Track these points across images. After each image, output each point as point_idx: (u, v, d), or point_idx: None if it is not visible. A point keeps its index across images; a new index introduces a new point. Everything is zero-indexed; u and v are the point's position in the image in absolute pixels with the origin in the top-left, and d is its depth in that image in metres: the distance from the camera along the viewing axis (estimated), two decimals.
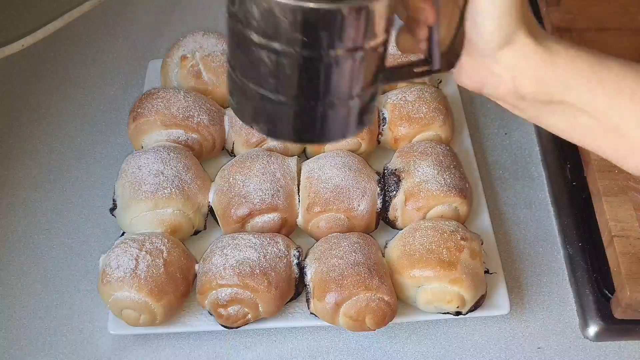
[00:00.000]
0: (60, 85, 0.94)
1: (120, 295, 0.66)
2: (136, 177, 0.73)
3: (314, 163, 0.76)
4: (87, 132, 0.89)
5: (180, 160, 0.75)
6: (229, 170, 0.75)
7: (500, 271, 0.73)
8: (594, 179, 0.74)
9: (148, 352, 0.71)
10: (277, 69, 0.43)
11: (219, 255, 0.68)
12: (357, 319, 0.66)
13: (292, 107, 0.45)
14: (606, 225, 0.70)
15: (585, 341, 0.72)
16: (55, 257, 0.78)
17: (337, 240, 0.70)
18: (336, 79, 0.44)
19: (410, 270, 0.68)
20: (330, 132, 0.47)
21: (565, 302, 0.75)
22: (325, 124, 0.46)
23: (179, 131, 0.79)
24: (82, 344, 0.71)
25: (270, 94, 0.45)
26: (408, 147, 0.78)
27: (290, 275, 0.69)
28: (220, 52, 0.85)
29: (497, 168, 0.86)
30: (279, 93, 0.45)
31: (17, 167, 0.85)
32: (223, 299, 0.67)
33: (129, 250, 0.67)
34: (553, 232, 0.80)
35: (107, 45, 1.00)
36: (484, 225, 0.77)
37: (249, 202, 0.72)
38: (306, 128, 0.47)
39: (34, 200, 0.82)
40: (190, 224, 0.74)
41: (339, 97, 0.45)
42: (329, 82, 0.44)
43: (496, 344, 0.71)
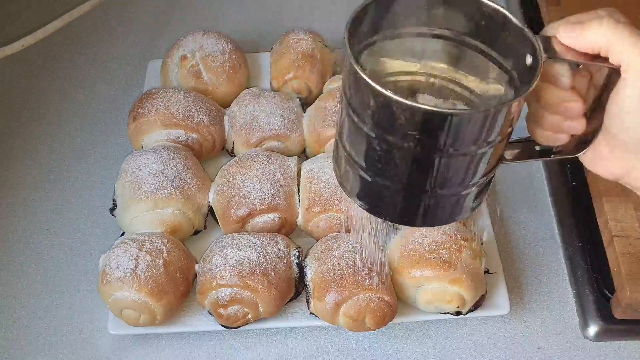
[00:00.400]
0: (60, 85, 0.94)
1: (120, 295, 0.66)
2: (136, 177, 0.73)
3: (314, 163, 0.76)
4: (87, 132, 0.89)
5: (180, 160, 0.75)
6: (229, 170, 0.75)
7: (500, 271, 0.73)
8: (594, 179, 0.74)
9: (148, 352, 0.71)
10: (388, 159, 0.42)
11: (219, 255, 0.68)
12: (357, 319, 0.66)
13: (399, 193, 0.44)
14: (606, 225, 0.70)
15: (585, 341, 0.72)
16: (55, 257, 0.78)
17: (337, 240, 0.70)
18: (448, 175, 0.43)
19: (410, 270, 0.68)
20: (437, 218, 0.47)
21: (565, 302, 0.75)
22: (433, 212, 0.46)
23: (179, 131, 0.79)
24: (82, 344, 0.71)
25: (378, 178, 0.44)
26: None
27: (290, 275, 0.69)
28: (220, 52, 0.85)
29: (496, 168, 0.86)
30: (387, 179, 0.44)
31: (17, 167, 0.85)
32: (223, 299, 0.67)
33: (129, 250, 0.67)
34: (553, 232, 0.80)
35: (107, 45, 1.00)
36: (484, 225, 0.77)
37: (249, 202, 0.72)
38: (411, 214, 0.46)
39: (34, 200, 0.82)
40: (190, 224, 0.74)
41: (449, 190, 0.44)
42: (439, 177, 0.43)
43: (496, 344, 0.71)
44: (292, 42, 0.86)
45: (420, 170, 0.42)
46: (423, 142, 0.40)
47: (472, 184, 0.45)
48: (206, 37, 0.86)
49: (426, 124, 0.39)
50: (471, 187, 0.45)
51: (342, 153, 0.46)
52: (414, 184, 0.43)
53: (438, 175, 0.43)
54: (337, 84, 0.83)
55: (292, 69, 0.84)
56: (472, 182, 0.44)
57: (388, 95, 0.39)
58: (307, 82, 0.85)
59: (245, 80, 0.88)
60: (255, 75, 0.91)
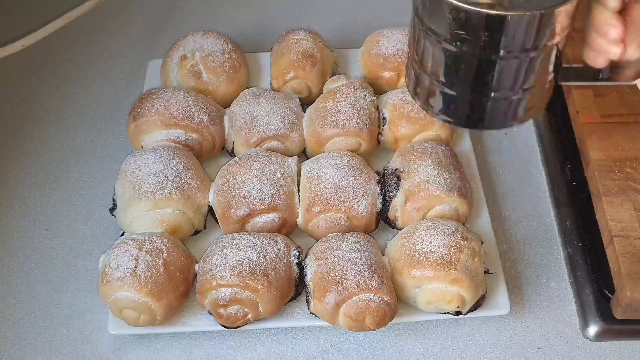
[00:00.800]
0: (60, 85, 0.94)
1: (120, 295, 0.66)
2: (136, 177, 0.73)
3: (314, 163, 0.76)
4: (87, 132, 0.89)
5: (180, 160, 0.75)
6: (229, 170, 0.75)
7: (500, 271, 0.73)
8: (594, 179, 0.74)
9: (148, 352, 0.71)
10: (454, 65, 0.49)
11: (219, 255, 0.68)
12: (357, 319, 0.66)
13: (463, 98, 0.51)
14: (606, 225, 0.70)
15: (586, 341, 0.72)
16: (55, 257, 0.78)
17: (337, 240, 0.70)
18: (505, 77, 0.49)
19: (410, 270, 0.68)
20: (497, 121, 0.53)
21: (565, 302, 0.75)
22: (494, 114, 0.52)
23: (179, 131, 0.79)
24: (82, 344, 0.71)
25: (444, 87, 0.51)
26: (408, 147, 0.78)
27: (290, 275, 0.69)
28: (220, 52, 0.85)
29: (497, 168, 0.86)
30: (452, 86, 0.51)
31: (17, 167, 0.85)
32: (223, 299, 0.67)
33: (129, 250, 0.67)
34: (553, 232, 0.80)
35: (107, 45, 1.00)
36: (484, 225, 0.77)
37: (249, 202, 0.72)
38: (475, 117, 0.53)
39: (34, 200, 0.82)
40: (190, 224, 0.75)
41: (504, 93, 0.50)
42: (498, 79, 0.49)
43: (496, 344, 0.71)
44: (292, 42, 0.86)
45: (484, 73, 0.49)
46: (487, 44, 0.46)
47: (523, 89, 0.50)
48: (206, 37, 0.86)
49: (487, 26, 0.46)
50: (522, 92, 0.50)
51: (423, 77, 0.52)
52: (479, 88, 0.50)
53: (497, 77, 0.48)
54: (337, 84, 0.83)
55: (292, 69, 0.84)
56: (524, 87, 0.50)
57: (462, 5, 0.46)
58: (307, 82, 0.85)
59: (245, 80, 0.88)
60: (255, 75, 0.91)
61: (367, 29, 0.91)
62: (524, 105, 0.51)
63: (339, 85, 0.82)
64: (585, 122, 0.78)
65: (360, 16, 1.04)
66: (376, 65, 0.86)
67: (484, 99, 0.51)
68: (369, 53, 0.87)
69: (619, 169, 0.74)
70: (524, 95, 0.50)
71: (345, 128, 0.78)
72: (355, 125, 0.78)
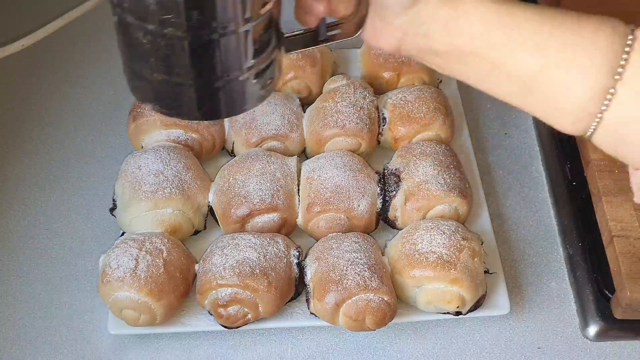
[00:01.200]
0: (60, 85, 0.94)
1: (120, 295, 0.66)
2: (136, 177, 0.73)
3: (314, 163, 0.76)
4: (87, 132, 0.89)
5: (180, 160, 0.75)
6: (229, 170, 0.75)
7: (500, 271, 0.73)
8: (594, 179, 0.74)
9: (148, 352, 0.71)
10: (161, 52, 0.43)
11: (219, 255, 0.68)
12: (357, 319, 0.66)
13: (189, 87, 0.45)
14: (606, 225, 0.70)
15: (585, 341, 0.72)
16: (55, 257, 0.78)
17: (337, 240, 0.70)
18: (225, 56, 0.44)
19: (410, 270, 0.68)
20: (233, 105, 0.48)
21: (565, 302, 0.75)
22: (226, 99, 0.47)
23: (179, 131, 0.79)
24: (82, 344, 0.71)
25: (165, 76, 0.45)
26: (408, 147, 0.78)
27: (290, 275, 0.69)
28: None
29: (497, 168, 0.86)
30: (171, 75, 0.45)
31: (17, 167, 0.85)
32: (223, 299, 0.67)
33: (129, 250, 0.67)
34: (553, 232, 0.80)
35: (107, 45, 1.00)
36: (484, 225, 0.77)
37: (249, 202, 0.72)
38: (207, 105, 0.47)
39: (34, 200, 0.82)
40: (190, 224, 0.74)
41: (233, 72, 0.45)
42: (218, 60, 0.44)
43: (496, 344, 0.71)
44: None
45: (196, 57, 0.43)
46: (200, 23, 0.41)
47: (247, 68, 0.45)
48: None
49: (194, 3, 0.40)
50: (247, 72, 0.45)
51: (127, 64, 0.47)
52: (198, 73, 0.44)
53: (210, 58, 0.43)
54: (337, 84, 0.83)
55: (292, 69, 0.84)
56: (246, 66, 0.45)
57: None
58: (307, 82, 0.85)
59: None
60: None
61: None
62: (260, 83, 0.47)
63: (339, 85, 0.82)
64: None
65: None
66: (376, 65, 0.86)
67: (213, 85, 0.45)
68: (369, 53, 0.87)
69: (619, 169, 0.74)
70: (253, 73, 0.46)
71: (345, 128, 0.78)
72: (355, 125, 0.78)
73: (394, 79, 0.86)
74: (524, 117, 0.91)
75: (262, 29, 0.45)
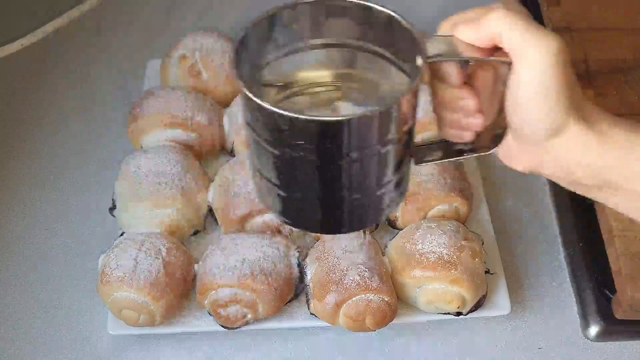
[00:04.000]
0: (60, 85, 0.94)
1: (119, 295, 0.66)
2: (136, 177, 0.73)
3: None
4: (87, 132, 0.89)
5: (180, 160, 0.75)
6: (229, 170, 0.75)
7: (500, 271, 0.73)
8: None
9: (148, 352, 0.71)
10: (293, 173, 0.43)
11: (218, 255, 0.68)
12: (357, 319, 0.66)
13: (314, 204, 0.45)
14: (607, 225, 0.70)
15: (586, 341, 0.72)
16: (55, 257, 0.78)
17: (337, 240, 0.70)
18: (355, 179, 0.43)
19: (410, 270, 0.68)
20: (359, 222, 0.47)
21: (565, 302, 0.74)
22: (353, 217, 0.46)
23: (179, 131, 0.79)
24: (82, 344, 0.71)
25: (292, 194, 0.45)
26: None
27: (290, 275, 0.69)
28: (219, 52, 0.85)
29: (497, 168, 0.86)
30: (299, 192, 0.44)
31: (17, 167, 0.85)
32: (223, 299, 0.67)
33: (128, 250, 0.67)
34: (553, 232, 0.80)
35: (107, 45, 1.00)
36: (484, 225, 0.77)
37: (249, 202, 0.72)
38: (333, 222, 0.47)
39: (34, 200, 0.82)
40: (189, 224, 0.74)
41: (362, 193, 0.44)
42: (348, 182, 0.43)
43: (496, 344, 0.71)
44: None
45: (327, 178, 0.43)
46: (321, 151, 0.41)
47: (382, 185, 0.45)
48: (206, 37, 0.86)
49: (316, 134, 0.40)
50: (381, 188, 0.45)
51: (257, 174, 0.46)
52: (325, 193, 0.44)
53: (346, 181, 0.43)
54: None
55: None
56: (381, 184, 0.45)
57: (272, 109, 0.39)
58: None
59: None
60: None
61: None
62: (387, 200, 0.46)
63: None
64: None
65: None
66: None
67: (342, 204, 0.45)
68: None
69: None
70: (384, 192, 0.45)
71: None
72: None
73: None
74: None
75: (400, 148, 0.44)
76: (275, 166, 0.43)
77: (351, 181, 0.43)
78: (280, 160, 0.43)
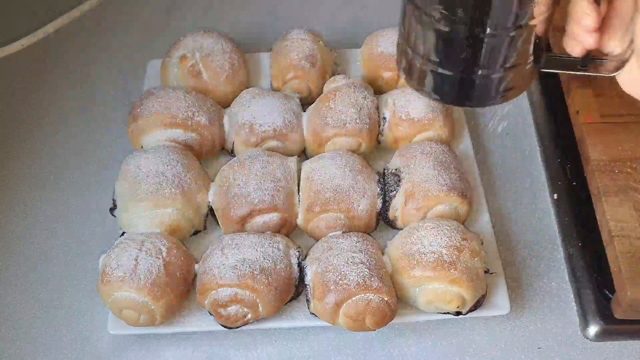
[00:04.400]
0: (60, 85, 0.94)
1: (120, 295, 0.66)
2: (136, 177, 0.73)
3: (314, 163, 0.76)
4: (87, 132, 0.89)
5: (180, 160, 0.75)
6: (229, 170, 0.75)
7: (500, 271, 0.73)
8: (594, 179, 0.74)
9: (148, 352, 0.71)
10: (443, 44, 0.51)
11: (218, 255, 0.68)
12: (357, 319, 0.66)
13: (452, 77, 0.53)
14: (606, 225, 0.70)
15: (586, 341, 0.72)
16: (55, 257, 0.78)
17: (337, 240, 0.70)
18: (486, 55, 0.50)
19: (410, 270, 0.68)
20: (483, 98, 0.54)
21: (565, 302, 0.75)
22: (478, 92, 0.53)
23: (179, 131, 0.79)
24: (82, 344, 0.71)
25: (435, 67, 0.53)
26: (408, 147, 0.78)
27: (290, 275, 0.69)
28: (220, 52, 0.85)
29: (497, 168, 0.86)
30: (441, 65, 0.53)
31: (17, 167, 0.86)
32: (223, 299, 0.67)
33: (128, 250, 0.67)
34: (553, 232, 0.80)
35: (107, 45, 1.00)
36: (484, 225, 0.77)
37: (249, 202, 0.72)
38: (462, 95, 0.54)
39: (34, 200, 0.82)
40: (190, 224, 0.75)
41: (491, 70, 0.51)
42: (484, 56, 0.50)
43: (496, 344, 0.71)
44: (292, 42, 0.86)
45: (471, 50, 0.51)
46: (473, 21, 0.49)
47: (505, 67, 0.52)
48: (206, 37, 0.86)
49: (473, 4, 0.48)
50: (504, 71, 0.52)
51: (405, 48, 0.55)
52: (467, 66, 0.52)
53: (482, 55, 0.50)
54: (337, 84, 0.83)
55: (292, 69, 0.84)
56: (505, 65, 0.51)
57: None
58: (307, 82, 0.85)
59: (245, 80, 0.88)
60: (255, 75, 0.91)
61: (367, 28, 0.91)
62: (506, 84, 0.53)
63: (339, 85, 0.82)
64: (585, 122, 0.78)
65: (360, 16, 1.04)
66: (376, 65, 0.86)
67: (471, 77, 0.53)
68: (369, 53, 0.87)
69: (619, 169, 0.74)
70: (506, 74, 0.52)
71: (345, 128, 0.78)
72: (355, 125, 0.78)
73: (394, 79, 0.86)
74: (524, 117, 0.90)
75: (526, 38, 0.50)
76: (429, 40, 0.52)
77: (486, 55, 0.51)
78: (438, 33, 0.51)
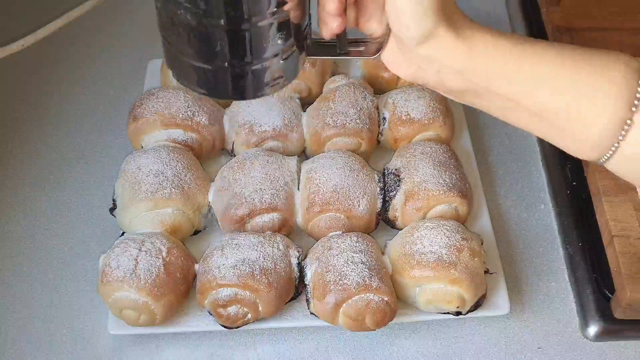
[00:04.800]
0: (60, 85, 0.94)
1: (120, 295, 0.66)
2: (136, 177, 0.73)
3: (314, 163, 0.76)
4: (87, 132, 0.89)
5: (180, 160, 0.75)
6: (229, 170, 0.75)
7: (500, 271, 0.73)
8: (594, 179, 0.74)
9: (148, 352, 0.71)
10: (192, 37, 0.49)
11: (219, 255, 0.68)
12: (357, 319, 0.66)
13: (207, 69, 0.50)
14: (606, 225, 0.70)
15: (586, 341, 0.72)
16: (55, 257, 0.78)
17: (337, 240, 0.70)
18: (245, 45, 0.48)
19: (410, 270, 0.68)
20: (246, 90, 0.52)
21: (565, 302, 0.75)
22: (239, 84, 0.51)
23: (179, 131, 0.79)
24: (82, 344, 0.71)
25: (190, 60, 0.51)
26: (408, 147, 0.78)
27: (290, 275, 0.69)
28: None
29: (497, 168, 0.86)
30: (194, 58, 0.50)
31: (17, 167, 0.85)
32: (223, 299, 0.67)
33: (128, 250, 0.67)
34: (553, 232, 0.80)
35: (107, 45, 1.00)
36: (484, 225, 0.77)
37: (249, 202, 0.72)
38: (223, 87, 0.52)
39: (34, 200, 0.82)
40: (190, 224, 0.75)
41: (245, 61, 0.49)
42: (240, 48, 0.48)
43: (496, 344, 0.71)
44: None
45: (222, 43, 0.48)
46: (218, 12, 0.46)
47: (264, 58, 0.50)
48: None
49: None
50: (263, 62, 0.50)
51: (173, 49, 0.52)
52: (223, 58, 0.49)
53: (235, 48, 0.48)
54: (337, 84, 0.83)
55: None
56: (263, 57, 0.50)
57: None
58: (307, 82, 0.85)
59: None
60: None
61: None
62: (271, 74, 0.51)
63: (339, 85, 0.82)
64: None
65: None
66: (376, 65, 0.86)
67: (234, 70, 0.50)
68: None
69: None
70: (268, 64, 0.50)
71: (345, 128, 0.78)
72: (355, 125, 0.78)
73: (394, 79, 0.86)
74: None
75: (282, 25, 0.49)
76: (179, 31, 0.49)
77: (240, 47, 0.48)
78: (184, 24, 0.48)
